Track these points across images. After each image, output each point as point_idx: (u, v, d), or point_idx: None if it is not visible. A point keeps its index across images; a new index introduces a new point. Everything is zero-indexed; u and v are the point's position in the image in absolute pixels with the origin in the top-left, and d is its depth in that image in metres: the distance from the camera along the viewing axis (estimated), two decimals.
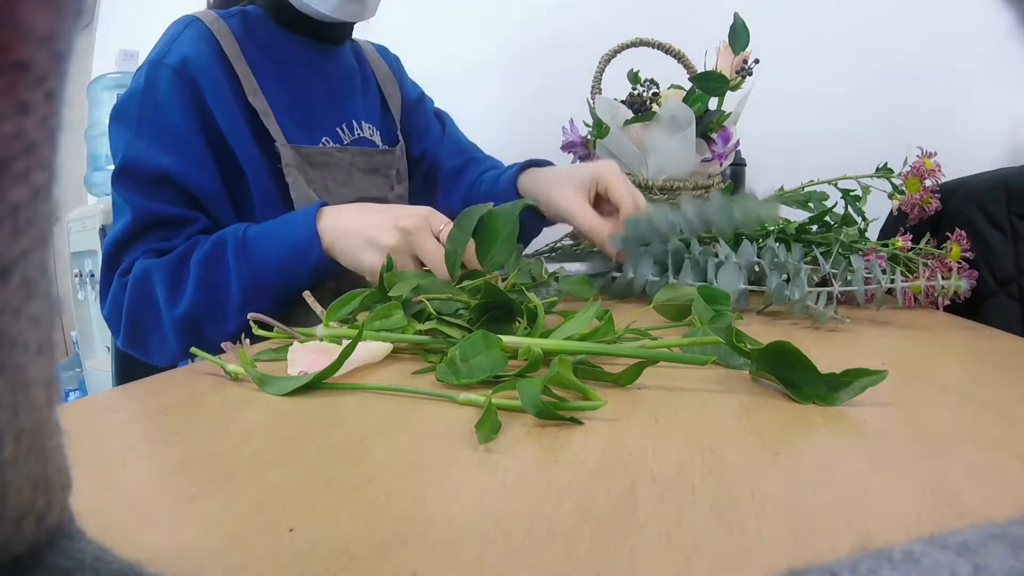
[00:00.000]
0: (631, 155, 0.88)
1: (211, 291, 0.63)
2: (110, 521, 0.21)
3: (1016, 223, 0.78)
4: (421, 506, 0.23)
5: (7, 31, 0.10)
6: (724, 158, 0.86)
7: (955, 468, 0.26)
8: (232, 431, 0.31)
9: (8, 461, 0.12)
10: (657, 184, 0.87)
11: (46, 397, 0.13)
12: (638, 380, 0.37)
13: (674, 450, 0.28)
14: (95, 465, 0.27)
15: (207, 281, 0.63)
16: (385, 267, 0.53)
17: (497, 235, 0.59)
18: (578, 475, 0.25)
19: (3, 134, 0.11)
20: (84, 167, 1.79)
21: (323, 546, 0.20)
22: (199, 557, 0.19)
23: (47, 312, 0.13)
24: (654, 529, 0.21)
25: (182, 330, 0.64)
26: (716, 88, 0.82)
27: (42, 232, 0.12)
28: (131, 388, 0.39)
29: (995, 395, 0.37)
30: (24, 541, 0.14)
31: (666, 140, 0.84)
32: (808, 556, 0.19)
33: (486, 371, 0.37)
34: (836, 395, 0.34)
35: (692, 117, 0.82)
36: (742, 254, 0.65)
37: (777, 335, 0.47)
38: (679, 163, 0.86)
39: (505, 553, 0.19)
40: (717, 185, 0.90)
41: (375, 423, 0.32)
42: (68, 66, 0.12)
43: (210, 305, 0.63)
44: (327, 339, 0.43)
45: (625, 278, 0.70)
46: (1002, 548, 0.11)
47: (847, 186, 0.78)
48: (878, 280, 0.62)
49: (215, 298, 0.63)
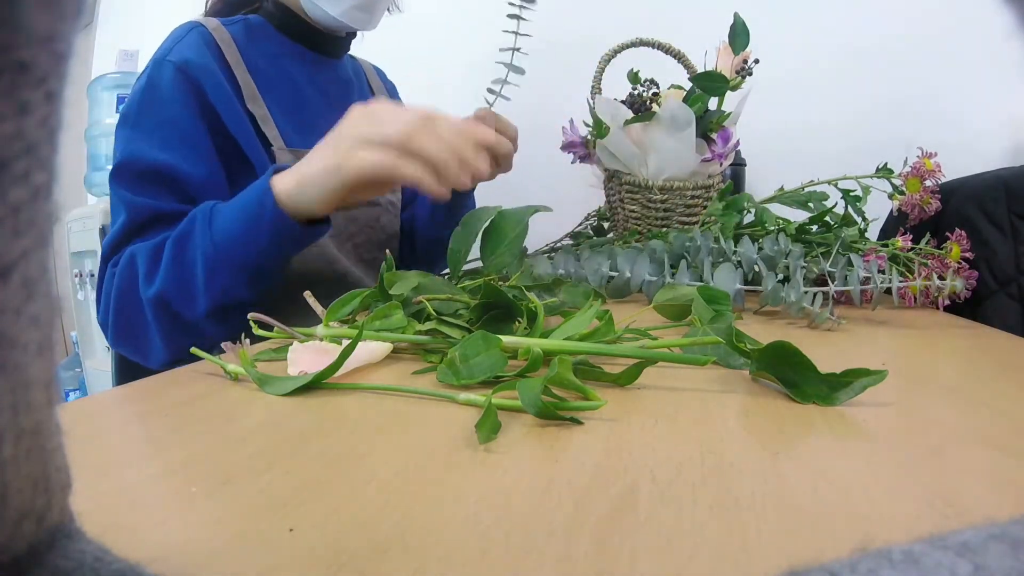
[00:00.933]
0: (631, 155, 0.88)
1: (179, 268, 0.61)
2: (110, 521, 0.21)
3: (1016, 223, 0.78)
4: (421, 506, 0.23)
5: (7, 31, 0.10)
6: (724, 158, 0.86)
7: (955, 468, 0.26)
8: (232, 431, 0.31)
9: (8, 461, 0.12)
10: (657, 184, 0.87)
11: (46, 397, 0.13)
12: (638, 380, 0.37)
13: (674, 450, 0.28)
14: (95, 465, 0.27)
15: (178, 259, 0.61)
16: (386, 266, 0.53)
17: (504, 237, 0.59)
18: (578, 475, 0.25)
19: (3, 134, 0.11)
20: (84, 167, 1.79)
21: (323, 546, 0.20)
22: (199, 557, 0.19)
23: (47, 312, 0.13)
24: (654, 529, 0.21)
25: (156, 312, 0.62)
26: (716, 88, 0.82)
27: (42, 232, 0.12)
28: (131, 388, 0.39)
29: (995, 395, 0.37)
30: (24, 541, 0.14)
31: (666, 140, 0.84)
32: (808, 556, 0.19)
33: (486, 371, 0.37)
34: (836, 395, 0.34)
35: (692, 117, 0.82)
36: (740, 252, 0.66)
37: (776, 335, 0.47)
38: (679, 163, 0.86)
39: (505, 553, 0.19)
40: (717, 185, 0.90)
41: (375, 423, 0.32)
42: (68, 66, 0.12)
43: (178, 282, 0.61)
44: (327, 339, 0.43)
45: (623, 277, 0.70)
46: (1002, 548, 0.11)
47: (847, 186, 0.79)
48: (875, 280, 0.62)
49: (182, 275, 0.61)
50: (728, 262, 0.65)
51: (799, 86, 1.21)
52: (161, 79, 0.70)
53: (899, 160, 0.78)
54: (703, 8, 1.21)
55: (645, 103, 0.89)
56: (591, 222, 1.19)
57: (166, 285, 0.61)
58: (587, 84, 0.96)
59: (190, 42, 0.73)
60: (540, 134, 1.04)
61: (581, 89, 0.99)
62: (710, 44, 0.91)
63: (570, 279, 0.69)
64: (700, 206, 0.89)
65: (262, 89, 0.76)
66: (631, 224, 0.92)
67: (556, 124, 1.07)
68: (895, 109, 1.15)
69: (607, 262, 0.71)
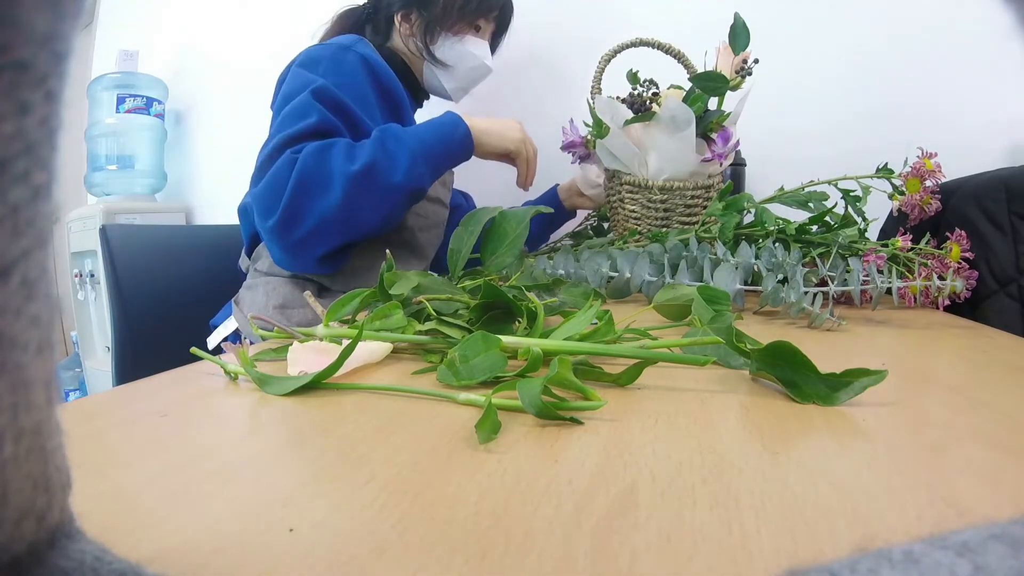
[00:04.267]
0: (631, 155, 0.88)
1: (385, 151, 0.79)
2: (110, 521, 0.21)
3: (1016, 223, 0.78)
4: (421, 506, 0.23)
5: (7, 31, 0.10)
6: (724, 158, 0.86)
7: (955, 468, 0.26)
8: (232, 431, 0.31)
9: (8, 461, 0.12)
10: (657, 184, 0.87)
11: (46, 397, 0.13)
12: (638, 380, 0.37)
13: (674, 450, 0.28)
14: (95, 465, 0.27)
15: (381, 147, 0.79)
16: (385, 267, 0.53)
17: (504, 237, 0.59)
18: (578, 475, 0.25)
19: (3, 134, 0.11)
20: (84, 167, 1.79)
21: (323, 546, 0.20)
22: (199, 557, 0.19)
23: (47, 312, 0.13)
24: (654, 529, 0.21)
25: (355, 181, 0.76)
26: (716, 88, 0.82)
27: (42, 232, 0.12)
28: (131, 388, 0.39)
29: (995, 395, 0.37)
30: (24, 541, 0.14)
31: (666, 140, 0.84)
32: (808, 556, 0.19)
33: (486, 372, 0.37)
34: (836, 395, 0.34)
35: (692, 117, 0.82)
36: (740, 255, 0.65)
37: (775, 334, 0.47)
38: (679, 163, 0.86)
39: (505, 553, 0.19)
40: (717, 185, 0.90)
41: (375, 423, 0.32)
42: (68, 66, 0.12)
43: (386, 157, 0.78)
44: (327, 339, 0.43)
45: (623, 277, 0.70)
46: (1002, 548, 0.11)
47: (847, 186, 0.78)
48: (875, 281, 0.62)
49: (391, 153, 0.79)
50: (728, 262, 0.65)
51: (799, 86, 1.21)
52: (345, 60, 0.86)
53: (899, 160, 0.78)
54: (702, 9, 1.21)
55: (645, 103, 0.89)
56: (591, 222, 1.19)
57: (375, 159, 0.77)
58: (586, 84, 0.96)
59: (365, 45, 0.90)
60: (540, 134, 1.04)
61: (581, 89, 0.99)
62: (710, 44, 0.91)
63: (570, 279, 0.69)
64: (700, 206, 0.89)
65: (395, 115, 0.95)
66: (631, 224, 0.92)
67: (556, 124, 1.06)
68: (895, 110, 1.15)
69: (607, 262, 0.71)
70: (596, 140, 0.92)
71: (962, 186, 0.84)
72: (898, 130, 1.08)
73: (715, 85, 0.82)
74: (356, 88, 0.86)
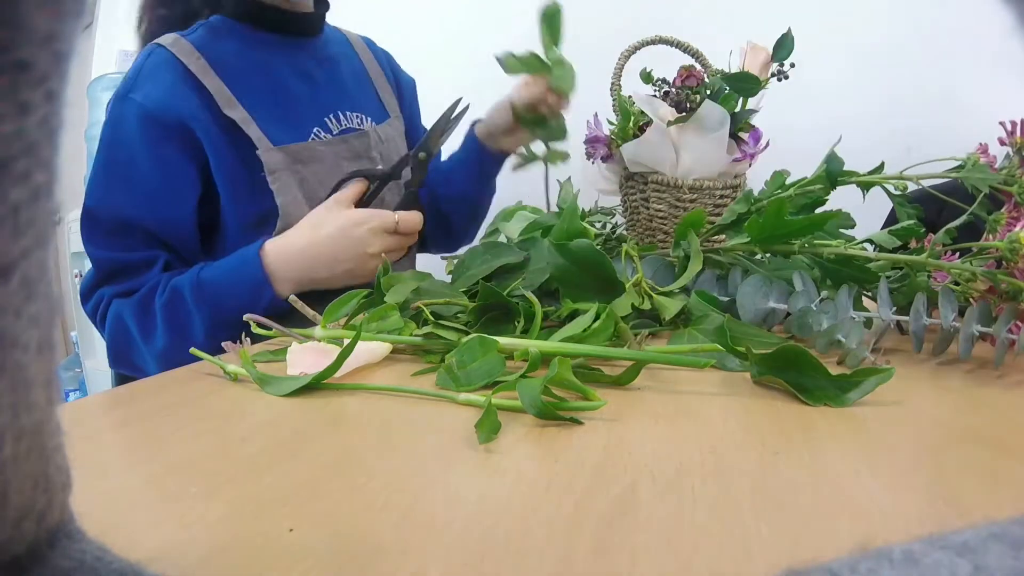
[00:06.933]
0: (664, 154, 0.87)
1: (178, 331, 0.68)
2: (110, 521, 0.21)
3: None
4: (421, 506, 0.23)
5: (8, 31, 0.10)
6: (754, 158, 0.87)
7: (955, 468, 0.26)
8: (232, 431, 0.31)
9: (8, 461, 0.12)
10: (687, 183, 0.87)
11: (46, 397, 0.13)
12: (638, 380, 0.37)
13: (674, 450, 0.28)
14: (95, 465, 0.27)
15: (174, 324, 0.68)
16: (381, 271, 0.53)
17: None
18: (578, 475, 0.25)
19: (3, 134, 0.11)
20: (84, 167, 1.79)
21: (323, 546, 0.20)
22: (199, 557, 0.19)
23: (47, 312, 0.13)
24: (654, 529, 0.21)
25: (164, 361, 0.68)
26: (749, 89, 0.83)
27: (42, 232, 0.12)
28: (131, 388, 0.39)
29: (995, 395, 0.37)
30: (24, 541, 0.14)
31: (699, 140, 0.84)
32: (808, 556, 0.19)
33: (484, 377, 0.36)
34: (846, 396, 0.34)
35: (727, 117, 0.82)
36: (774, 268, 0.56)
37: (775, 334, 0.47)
38: (710, 163, 0.86)
39: (505, 553, 0.19)
40: (743, 186, 0.90)
41: (375, 423, 0.32)
42: (69, 66, 0.12)
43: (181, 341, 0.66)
44: (324, 340, 0.43)
45: None
46: (1002, 548, 0.11)
47: None
48: (973, 326, 0.42)
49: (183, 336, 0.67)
50: (757, 274, 0.54)
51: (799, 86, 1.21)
52: (123, 119, 0.70)
53: (899, 160, 0.78)
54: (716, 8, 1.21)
55: (685, 102, 0.89)
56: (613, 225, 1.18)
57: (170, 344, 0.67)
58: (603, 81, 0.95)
59: (149, 70, 0.72)
60: None
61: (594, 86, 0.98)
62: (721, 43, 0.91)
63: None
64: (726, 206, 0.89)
65: (238, 91, 0.74)
66: (655, 224, 0.91)
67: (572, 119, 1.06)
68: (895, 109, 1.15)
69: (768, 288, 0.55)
70: (619, 140, 0.91)
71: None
72: (897, 129, 1.08)
73: (748, 86, 0.83)
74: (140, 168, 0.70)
